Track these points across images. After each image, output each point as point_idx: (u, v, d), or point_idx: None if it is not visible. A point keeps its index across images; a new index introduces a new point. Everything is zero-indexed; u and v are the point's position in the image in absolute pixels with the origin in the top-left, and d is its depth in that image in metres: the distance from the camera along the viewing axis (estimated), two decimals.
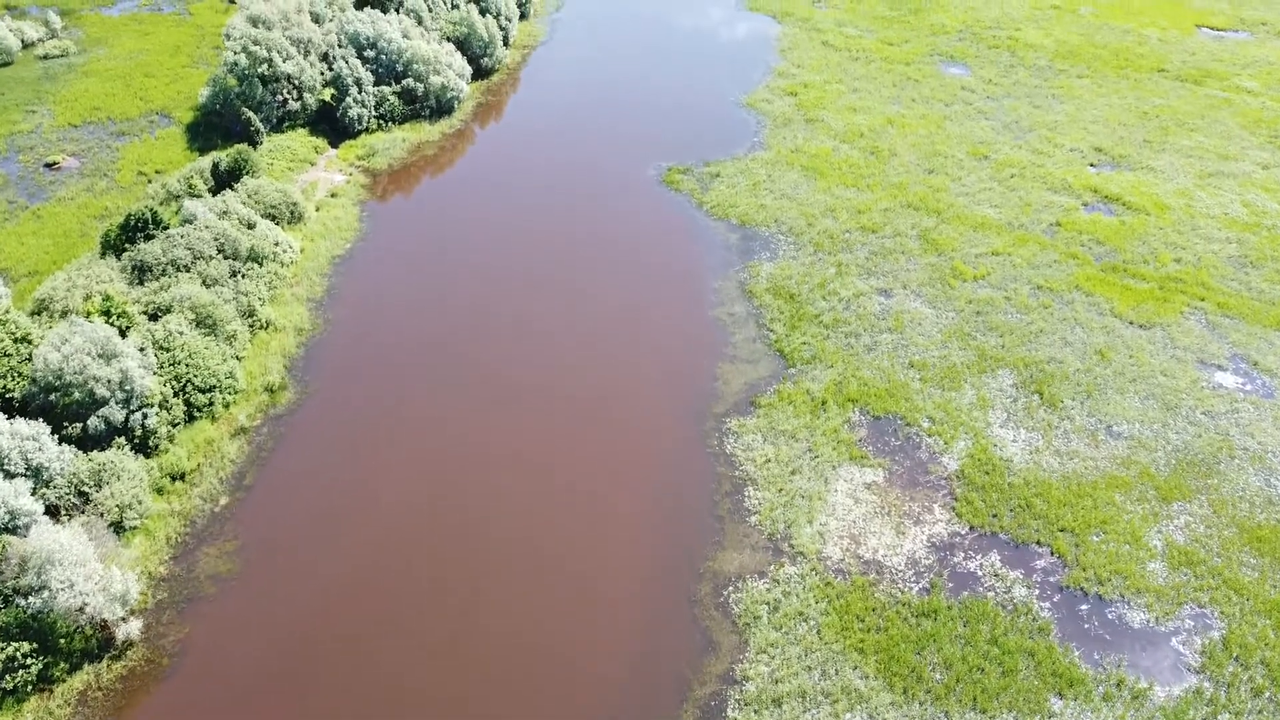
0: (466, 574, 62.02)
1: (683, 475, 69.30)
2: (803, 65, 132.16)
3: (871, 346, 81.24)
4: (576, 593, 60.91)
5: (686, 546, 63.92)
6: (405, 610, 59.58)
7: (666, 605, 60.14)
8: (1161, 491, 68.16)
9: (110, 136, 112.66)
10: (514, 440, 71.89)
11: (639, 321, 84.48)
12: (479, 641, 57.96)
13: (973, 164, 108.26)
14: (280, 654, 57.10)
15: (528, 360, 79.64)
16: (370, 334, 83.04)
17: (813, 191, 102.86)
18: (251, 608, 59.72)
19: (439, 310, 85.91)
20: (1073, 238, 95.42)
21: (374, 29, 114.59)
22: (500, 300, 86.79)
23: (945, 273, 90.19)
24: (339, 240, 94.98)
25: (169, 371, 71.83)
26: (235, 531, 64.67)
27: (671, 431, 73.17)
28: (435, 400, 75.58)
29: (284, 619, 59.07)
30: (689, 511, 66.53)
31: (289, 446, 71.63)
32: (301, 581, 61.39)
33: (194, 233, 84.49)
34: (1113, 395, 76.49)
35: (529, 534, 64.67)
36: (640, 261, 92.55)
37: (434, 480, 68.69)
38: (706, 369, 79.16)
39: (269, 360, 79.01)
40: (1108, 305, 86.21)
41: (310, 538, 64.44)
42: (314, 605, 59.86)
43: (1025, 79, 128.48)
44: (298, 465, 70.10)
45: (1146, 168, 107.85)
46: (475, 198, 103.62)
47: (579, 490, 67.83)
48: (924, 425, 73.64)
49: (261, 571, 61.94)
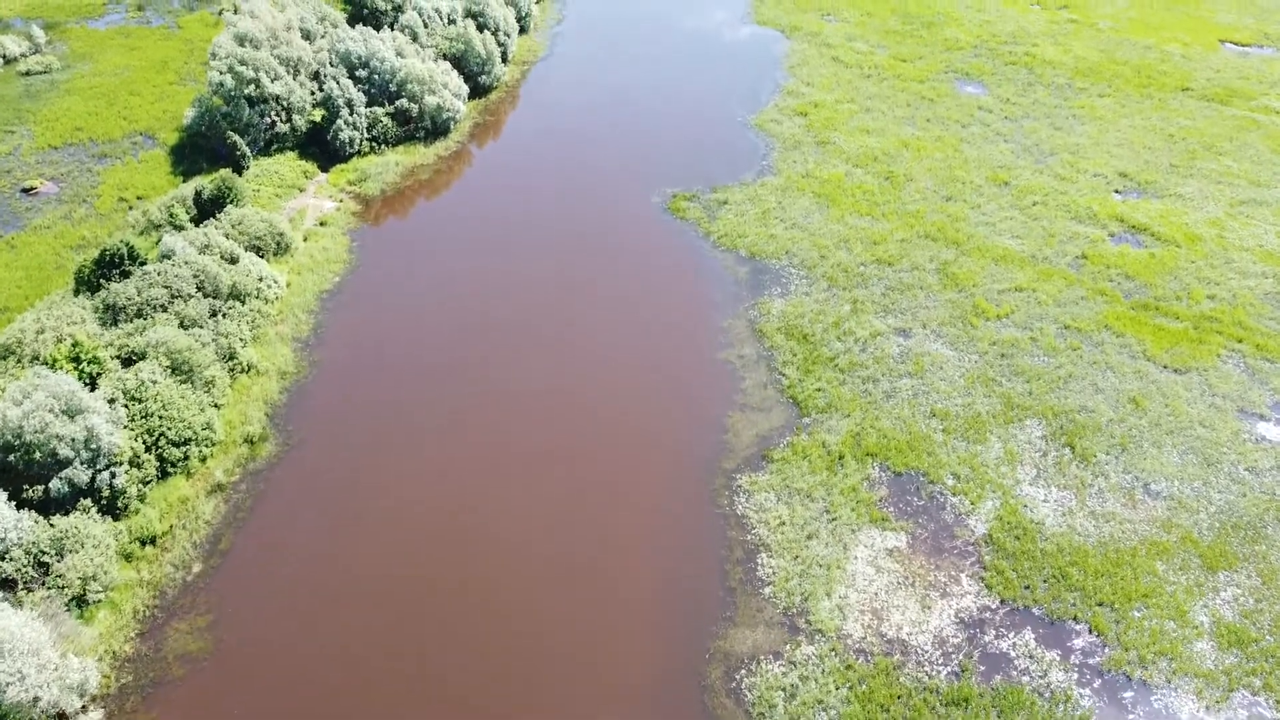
0: (458, 660, 57.18)
1: (691, 541, 64.47)
2: (812, 83, 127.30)
3: (890, 393, 76.41)
4: (577, 681, 56.09)
5: (696, 623, 59.08)
6: (391, 696, 54.79)
7: (676, 694, 55.25)
8: (1206, 559, 63.29)
9: (91, 159, 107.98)
10: (509, 503, 67.06)
11: (644, 366, 79.64)
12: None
13: (992, 190, 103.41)
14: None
15: (524, 411, 74.80)
16: (357, 378, 78.26)
17: (825, 220, 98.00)
18: (224, 693, 54.92)
19: (430, 353, 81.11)
20: (1100, 272, 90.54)
21: (366, 47, 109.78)
22: (495, 340, 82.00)
23: (966, 310, 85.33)
24: (327, 273, 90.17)
25: (141, 425, 67.09)
26: (208, 604, 59.89)
27: (679, 490, 68.35)
28: (424, 456, 70.76)
29: (259, 707, 54.28)
30: (698, 583, 61.70)
31: (268, 506, 66.83)
32: (279, 663, 56.62)
33: (172, 270, 79.77)
34: (1149, 449, 71.63)
35: (525, 610, 59.83)
36: (644, 298, 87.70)
37: (422, 548, 63.87)
38: (715, 418, 74.33)
39: (250, 408, 74.27)
40: (1139, 347, 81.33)
41: (289, 611, 59.67)
42: (293, 691, 55.07)
43: (1044, 98, 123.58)
44: (277, 528, 65.30)
45: (1174, 195, 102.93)
46: (470, 227, 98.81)
47: (579, 560, 62.99)
48: (948, 483, 68.82)
49: (235, 651, 57.12)
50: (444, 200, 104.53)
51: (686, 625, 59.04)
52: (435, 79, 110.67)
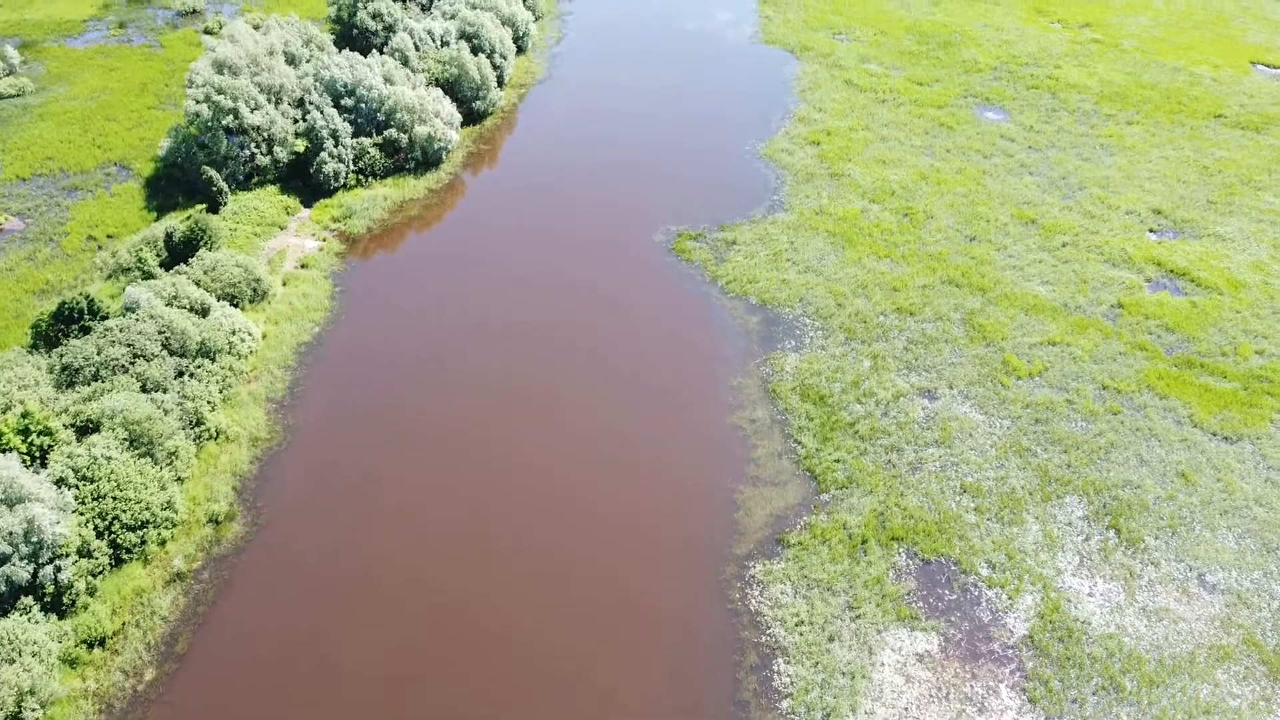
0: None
1: (699, 643, 58.05)
2: (825, 109, 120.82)
3: (916, 465, 70.01)
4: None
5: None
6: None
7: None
8: (1272, 668, 56.85)
9: (61, 192, 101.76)
10: (496, 597, 60.64)
11: (647, 433, 73.19)
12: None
13: (1019, 229, 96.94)
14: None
15: (517, 486, 68.38)
16: (335, 445, 71.93)
17: (841, 264, 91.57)
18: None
19: (413, 415, 74.70)
20: (1138, 323, 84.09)
21: (352, 75, 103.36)
22: (483, 403, 75.64)
23: (996, 368, 78.93)
24: (306, 323, 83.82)
25: (93, 508, 60.78)
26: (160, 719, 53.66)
27: (686, 581, 61.95)
28: (405, 539, 64.35)
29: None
30: (708, 694, 55.29)
31: (232, 598, 60.46)
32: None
33: (135, 325, 73.50)
34: (1202, 532, 65.22)
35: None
36: (648, 353, 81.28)
37: (404, 644, 57.53)
38: (725, 494, 67.94)
39: (216, 481, 67.95)
40: (1185, 411, 74.89)
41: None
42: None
43: (1070, 126, 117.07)
44: (242, 624, 58.94)
45: (1213, 235, 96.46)
46: (460, 269, 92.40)
47: (571, 668, 56.54)
48: (983, 572, 62.40)
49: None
50: (433, 239, 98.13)
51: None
52: (426, 107, 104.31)
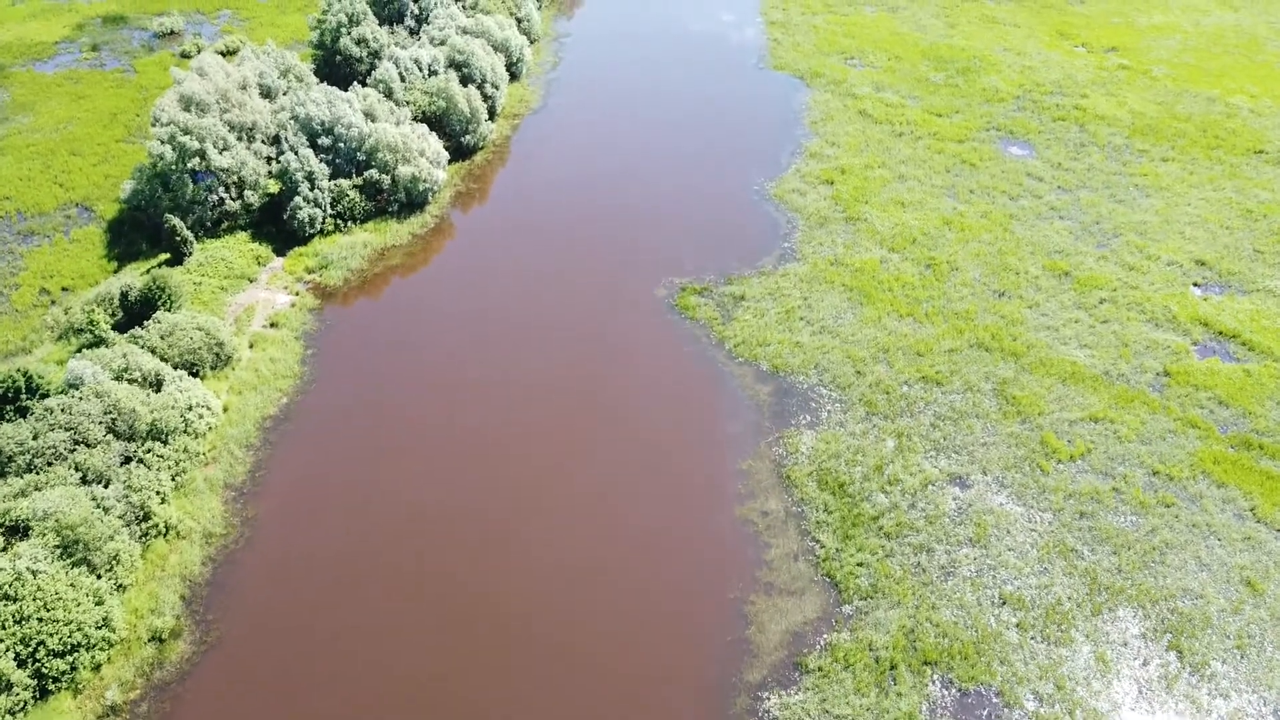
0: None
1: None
2: (838, 143, 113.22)
3: (949, 569, 62.38)
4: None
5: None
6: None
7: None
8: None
9: (16, 238, 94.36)
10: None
11: (645, 530, 65.45)
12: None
13: (1051, 283, 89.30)
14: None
15: (501, 596, 60.78)
16: (300, 541, 64.35)
17: (859, 323, 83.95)
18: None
19: (388, 504, 67.06)
20: (1188, 395, 76.47)
21: (330, 112, 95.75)
22: (461, 493, 68.03)
23: (1033, 449, 71.31)
24: (273, 392, 76.29)
25: (14, 633, 53.27)
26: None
27: (688, 717, 54.33)
28: (373, 656, 56.73)
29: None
30: None
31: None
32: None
33: (78, 405, 65.99)
34: (1274, 653, 57.56)
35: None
36: (648, 434, 73.52)
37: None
38: (734, 605, 60.30)
39: (162, 588, 60.43)
40: (1246, 503, 67.27)
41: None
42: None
43: (1100, 163, 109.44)
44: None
45: (1264, 290, 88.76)
46: (443, 330, 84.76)
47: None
48: (1029, 706, 54.74)
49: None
50: (415, 291, 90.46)
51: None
52: (410, 145, 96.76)
